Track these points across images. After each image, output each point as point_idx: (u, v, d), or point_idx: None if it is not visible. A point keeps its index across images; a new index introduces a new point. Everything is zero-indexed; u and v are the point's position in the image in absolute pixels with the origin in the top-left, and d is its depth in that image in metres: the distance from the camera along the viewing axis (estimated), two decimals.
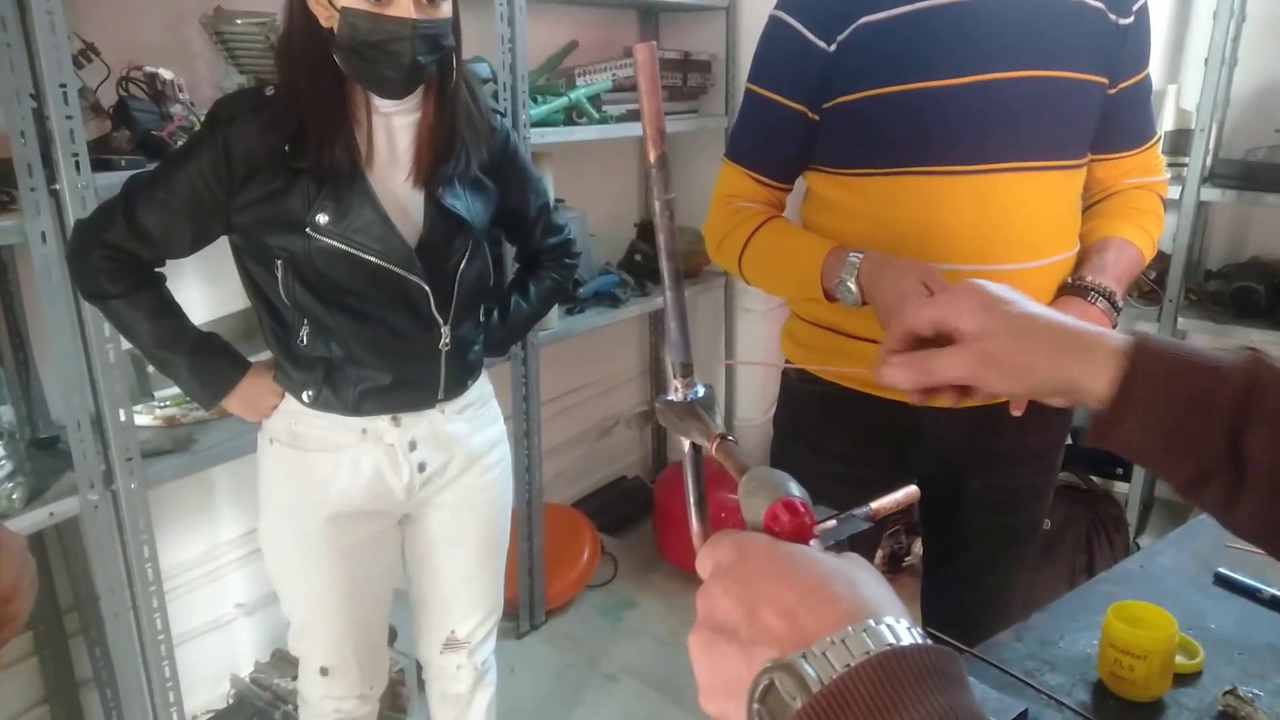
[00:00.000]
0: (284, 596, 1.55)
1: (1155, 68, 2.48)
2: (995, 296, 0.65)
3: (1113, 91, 1.28)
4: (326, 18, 1.26)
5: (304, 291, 1.35)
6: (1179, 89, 2.47)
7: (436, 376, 1.46)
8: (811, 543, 0.48)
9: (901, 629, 0.40)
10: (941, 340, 0.67)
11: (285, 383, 1.44)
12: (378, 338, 1.39)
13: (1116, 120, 1.30)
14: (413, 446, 1.47)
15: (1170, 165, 2.46)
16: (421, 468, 1.49)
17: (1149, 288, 2.50)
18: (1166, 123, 2.46)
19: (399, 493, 1.49)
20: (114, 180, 1.44)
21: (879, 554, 2.69)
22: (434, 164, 1.37)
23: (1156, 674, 0.92)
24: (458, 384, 1.50)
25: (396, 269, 1.36)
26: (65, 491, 1.61)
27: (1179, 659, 0.97)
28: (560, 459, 3.12)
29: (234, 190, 1.32)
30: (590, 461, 3.31)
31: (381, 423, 1.44)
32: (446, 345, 1.44)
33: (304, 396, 1.42)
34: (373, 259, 1.34)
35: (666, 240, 0.61)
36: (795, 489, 0.49)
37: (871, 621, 0.40)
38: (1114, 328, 1.18)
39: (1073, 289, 1.23)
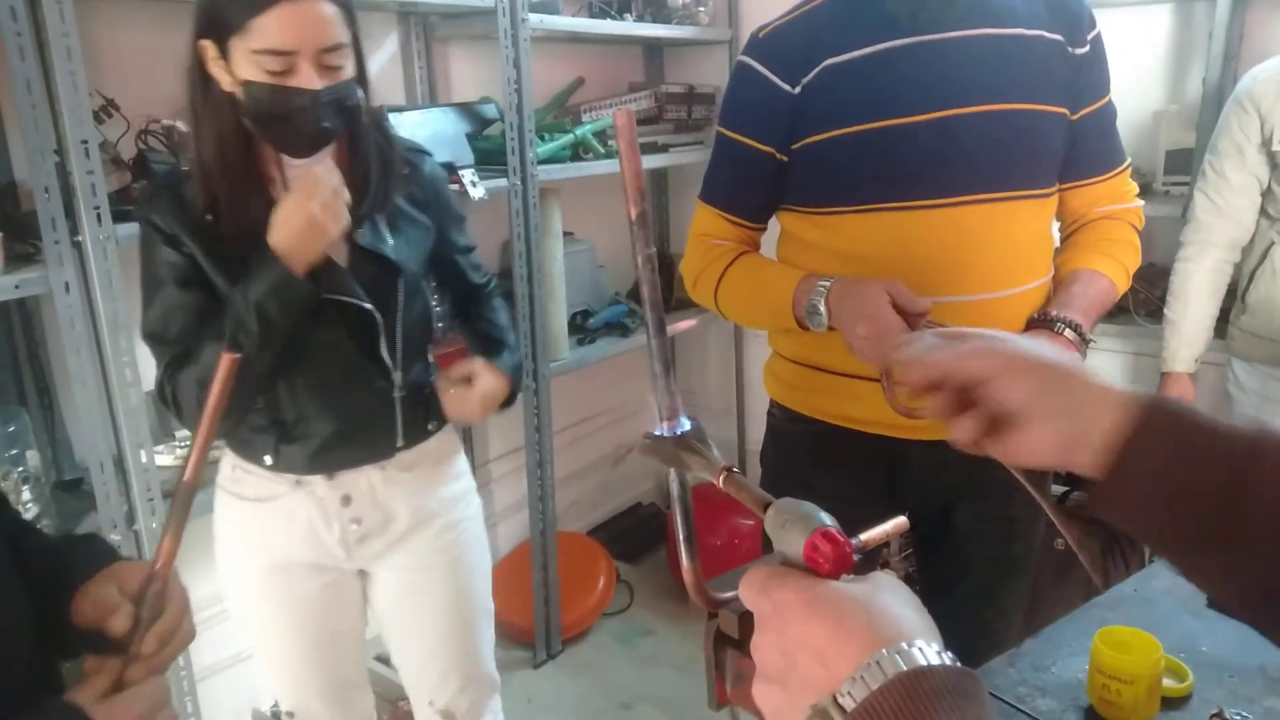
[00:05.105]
0: (249, 641, 1.56)
1: (1155, 89, 2.53)
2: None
3: (1074, 118, 1.31)
4: (229, 83, 1.25)
5: None
6: (1178, 109, 2.49)
7: (393, 424, 1.44)
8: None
9: (931, 652, 0.43)
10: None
11: (244, 451, 1.43)
12: (329, 394, 1.38)
13: (1082, 147, 1.33)
14: (346, 502, 1.44)
15: (1172, 185, 2.49)
16: (356, 523, 1.46)
17: (1156, 306, 2.52)
18: (1166, 143, 2.48)
19: (333, 547, 1.46)
20: (134, 230, 1.47)
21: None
22: (351, 210, 1.32)
23: (1143, 699, 0.94)
24: (418, 429, 1.48)
25: (334, 295, 1.32)
26: (89, 533, 1.65)
27: (1168, 682, 0.99)
28: (574, 488, 3.16)
29: (194, 255, 1.30)
30: (604, 490, 3.34)
31: (315, 477, 1.42)
32: (401, 391, 1.43)
33: (264, 460, 1.40)
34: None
35: (649, 291, 0.65)
36: (826, 518, 0.50)
37: (903, 645, 0.44)
38: (1083, 358, 1.19)
39: (1038, 322, 1.24)
